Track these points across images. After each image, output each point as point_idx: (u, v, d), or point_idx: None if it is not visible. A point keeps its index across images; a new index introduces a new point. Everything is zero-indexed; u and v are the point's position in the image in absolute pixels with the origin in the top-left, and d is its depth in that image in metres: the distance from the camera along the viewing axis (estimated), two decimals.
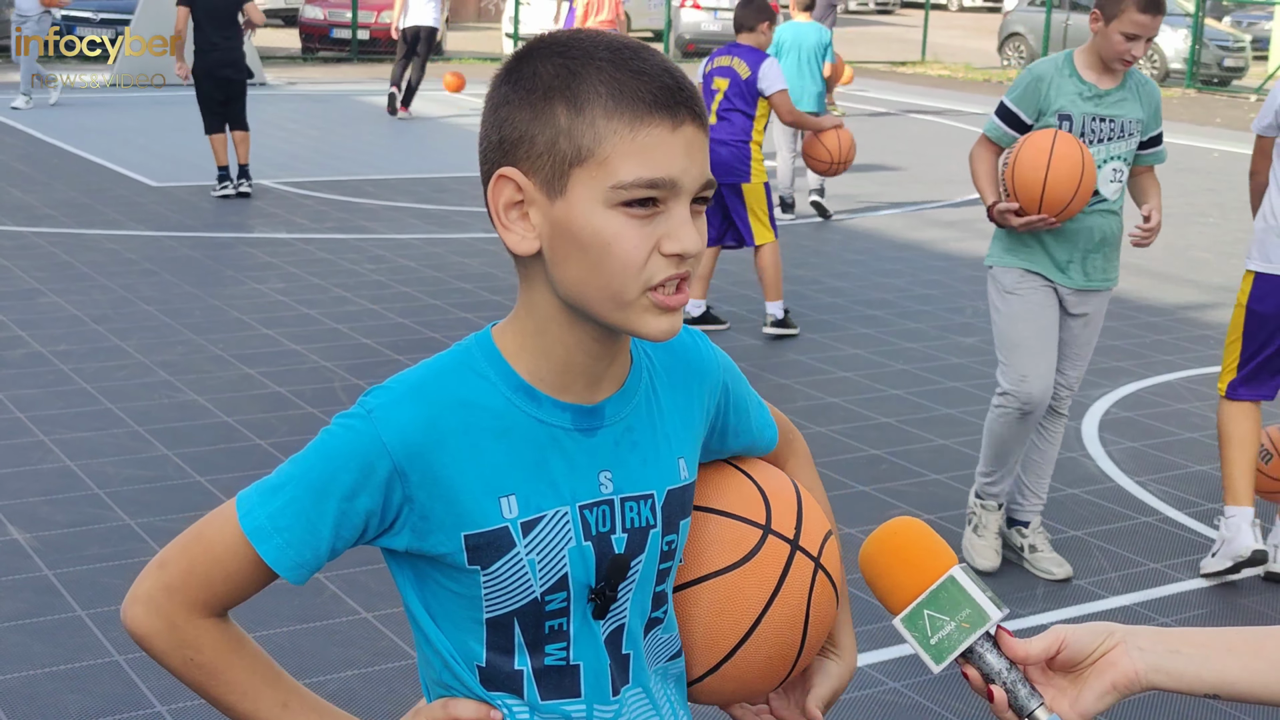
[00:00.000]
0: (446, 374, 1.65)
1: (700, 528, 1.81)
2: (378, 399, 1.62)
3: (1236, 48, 26.08)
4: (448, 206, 11.75)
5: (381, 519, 1.61)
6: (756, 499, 1.84)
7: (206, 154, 12.02)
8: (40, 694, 4.13)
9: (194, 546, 1.64)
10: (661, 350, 1.76)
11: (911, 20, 37.77)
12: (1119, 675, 1.58)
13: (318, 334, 7.82)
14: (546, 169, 1.55)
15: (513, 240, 1.59)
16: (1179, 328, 8.77)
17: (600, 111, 1.53)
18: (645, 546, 1.69)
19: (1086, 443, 6.67)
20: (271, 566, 1.60)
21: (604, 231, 1.54)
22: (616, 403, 1.68)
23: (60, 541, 5.10)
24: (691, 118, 1.56)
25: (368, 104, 18.31)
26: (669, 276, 1.56)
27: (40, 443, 6.02)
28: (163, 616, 1.63)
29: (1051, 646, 1.59)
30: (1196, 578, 5.25)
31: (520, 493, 1.62)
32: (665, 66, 1.57)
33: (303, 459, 1.62)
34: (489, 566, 1.61)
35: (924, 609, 1.59)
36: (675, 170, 1.54)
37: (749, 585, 1.79)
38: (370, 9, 23.56)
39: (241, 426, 6.30)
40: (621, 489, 1.68)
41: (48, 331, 7.63)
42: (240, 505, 1.62)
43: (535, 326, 1.64)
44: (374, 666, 4.36)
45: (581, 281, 1.57)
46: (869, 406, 6.99)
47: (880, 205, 12.65)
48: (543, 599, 1.63)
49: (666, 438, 1.73)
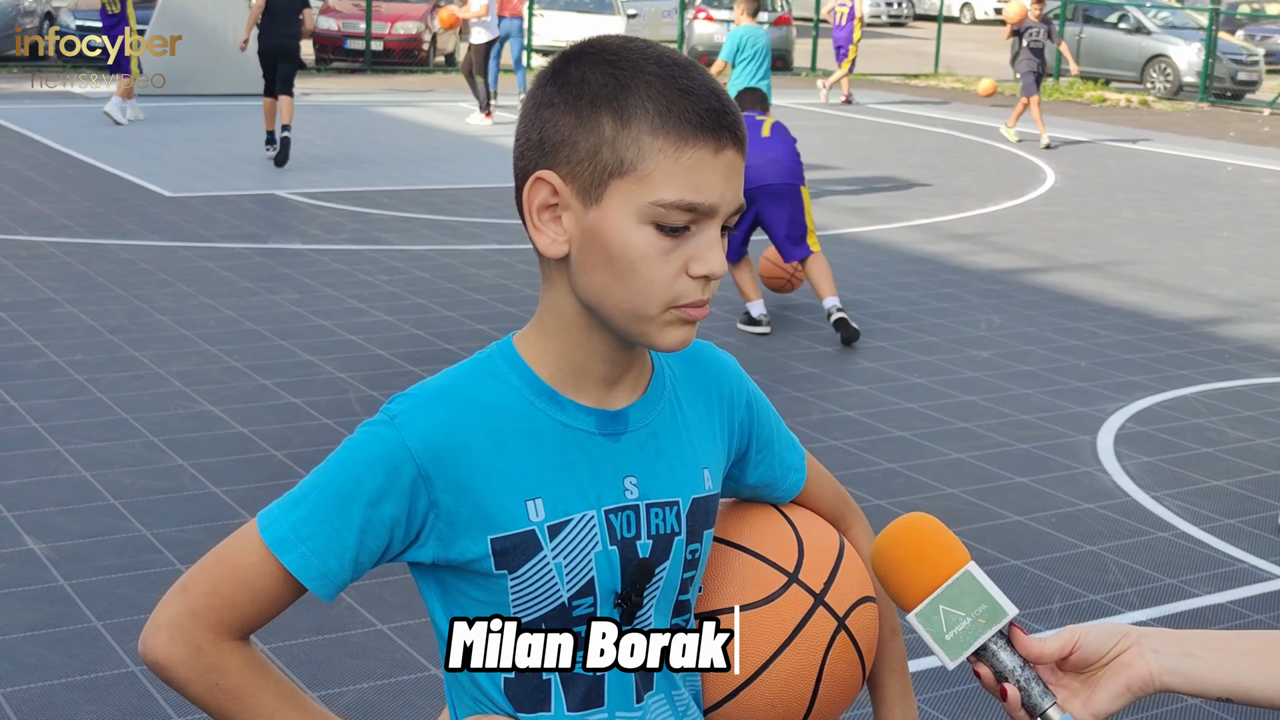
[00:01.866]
0: (469, 379, 1.65)
1: (726, 563, 1.80)
2: (401, 405, 1.62)
3: (1250, 61, 26.05)
4: (462, 218, 11.76)
5: (407, 528, 1.60)
6: (791, 546, 1.82)
7: (221, 165, 12.05)
8: (56, 704, 4.14)
9: (216, 568, 1.62)
10: (684, 362, 1.76)
11: (924, 33, 37.76)
12: (1133, 676, 1.57)
13: (333, 345, 7.83)
14: (585, 176, 1.56)
15: (543, 242, 1.60)
16: (1195, 342, 8.75)
17: (646, 127, 1.54)
18: (670, 553, 1.68)
19: (1102, 457, 6.65)
20: (296, 576, 1.58)
21: (635, 247, 1.55)
22: (641, 408, 1.69)
23: (76, 552, 5.11)
24: (733, 142, 1.57)
25: (381, 114, 18.34)
26: (695, 300, 1.57)
27: (56, 453, 6.03)
28: (187, 642, 1.61)
29: (1066, 646, 1.58)
30: (1213, 593, 5.23)
31: (547, 496, 1.62)
32: (712, 88, 1.57)
33: (325, 468, 1.61)
34: (516, 570, 1.61)
35: (939, 604, 1.58)
36: (714, 195, 1.55)
37: (763, 628, 1.77)
38: (384, 20, 23.62)
39: (257, 437, 6.31)
40: (647, 495, 1.67)
41: (63, 341, 7.64)
42: (261, 520, 1.61)
43: (556, 330, 1.64)
44: (390, 679, 4.36)
45: (605, 290, 1.57)
46: (884, 420, 6.99)
47: (894, 218, 12.65)
48: (570, 604, 1.63)
49: (692, 447, 1.72)
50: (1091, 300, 9.70)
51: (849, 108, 21.60)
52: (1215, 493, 6.25)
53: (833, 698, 1.81)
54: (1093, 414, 7.23)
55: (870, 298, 9.54)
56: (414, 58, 23.95)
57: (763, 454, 1.84)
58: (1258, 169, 16.67)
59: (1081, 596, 5.16)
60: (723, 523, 1.83)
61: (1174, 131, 20.49)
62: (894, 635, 1.95)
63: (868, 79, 25.90)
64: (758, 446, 1.83)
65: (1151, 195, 14.51)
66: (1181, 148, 18.63)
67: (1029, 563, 5.42)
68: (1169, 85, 25.49)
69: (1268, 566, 5.51)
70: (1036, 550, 5.55)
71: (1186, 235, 12.49)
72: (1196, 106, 24.42)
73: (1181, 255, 11.56)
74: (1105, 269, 10.83)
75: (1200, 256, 11.63)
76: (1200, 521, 5.90)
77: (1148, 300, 9.71)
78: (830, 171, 15.27)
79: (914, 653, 4.64)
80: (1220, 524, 5.89)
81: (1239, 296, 10.10)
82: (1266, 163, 17.18)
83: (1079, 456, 6.63)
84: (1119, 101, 24.22)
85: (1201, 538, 5.75)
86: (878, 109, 21.72)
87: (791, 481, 1.88)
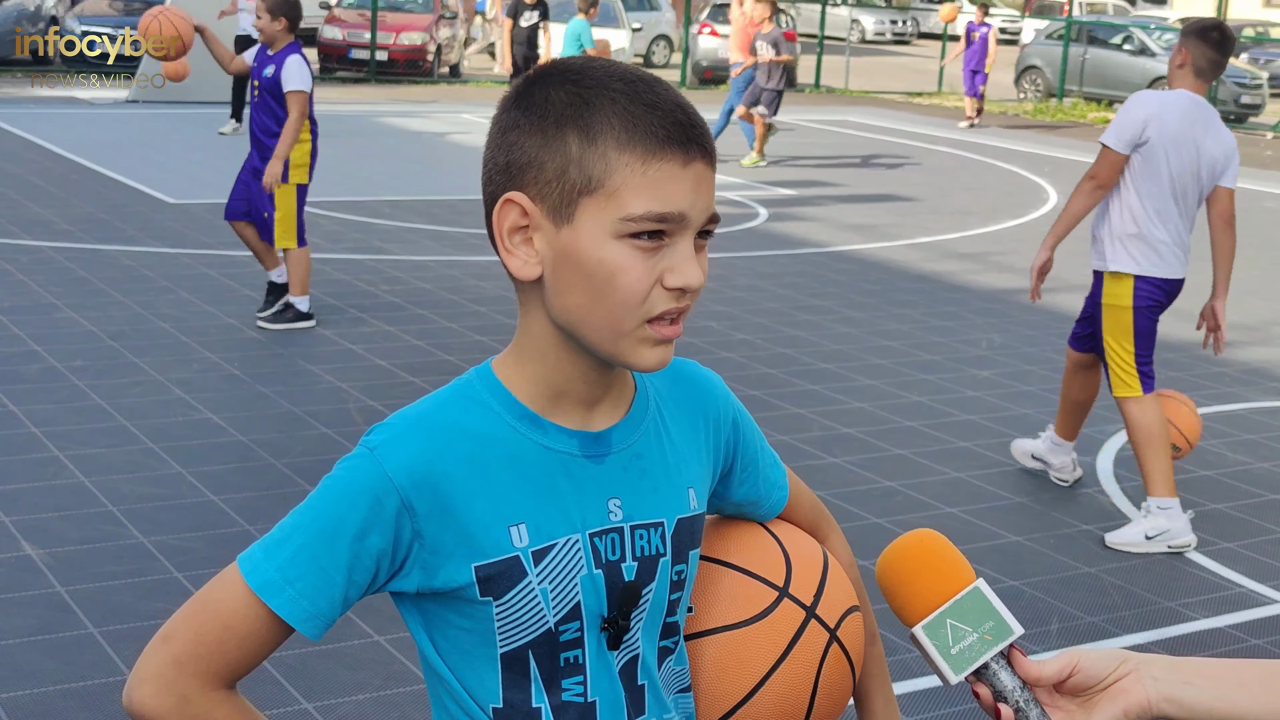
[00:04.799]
0: (448, 405, 1.64)
1: (715, 581, 1.79)
2: (380, 436, 1.61)
3: (1254, 85, 26.08)
4: (464, 229, 11.77)
5: (392, 559, 1.59)
6: (779, 561, 1.82)
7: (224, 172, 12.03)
8: (51, 711, 4.13)
9: (199, 614, 1.59)
10: (668, 379, 1.75)
11: (928, 51, 37.82)
12: (1131, 703, 1.57)
13: (333, 354, 7.83)
14: (554, 196, 1.56)
15: (515, 265, 1.59)
16: (1195, 365, 8.75)
17: (613, 143, 1.54)
18: (655, 575, 1.68)
19: (1102, 479, 6.65)
20: (286, 620, 1.56)
21: (610, 262, 1.54)
22: (624, 429, 1.68)
23: (73, 558, 5.10)
24: (701, 154, 1.57)
25: (385, 125, 18.36)
26: (669, 310, 1.56)
27: (55, 458, 6.02)
28: (173, 693, 1.57)
29: (1065, 669, 1.59)
30: (1211, 617, 5.23)
31: (530, 521, 1.61)
32: (678, 102, 1.57)
33: (308, 507, 1.59)
34: (501, 597, 1.60)
35: (947, 618, 1.58)
36: (684, 205, 1.55)
37: (757, 645, 1.77)
38: (389, 30, 23.66)
39: (256, 446, 6.30)
40: (631, 516, 1.67)
41: (64, 347, 7.64)
42: (244, 564, 1.59)
43: (534, 353, 1.64)
44: (386, 690, 4.35)
45: (581, 309, 1.57)
46: (883, 438, 6.98)
47: (895, 236, 12.65)
48: (556, 629, 1.62)
49: (676, 467, 1.72)
50: None
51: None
52: (1214, 516, 6.24)
53: (827, 709, 1.81)
54: (1093, 435, 7.22)
55: (871, 315, 9.54)
56: (418, 68, 23.99)
57: (748, 472, 1.84)
58: (1260, 192, 16.66)
59: (1079, 618, 5.15)
60: (709, 541, 1.83)
61: None
62: (874, 641, 1.95)
63: (870, 96, 25.95)
64: (743, 464, 1.83)
65: None
66: None
67: (1027, 583, 5.42)
68: None
69: (1266, 591, 5.50)
70: (1035, 571, 5.54)
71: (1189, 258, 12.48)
72: None
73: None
74: None
75: (1202, 280, 11.60)
76: (1199, 545, 5.89)
77: None
78: (832, 189, 15.28)
79: (910, 673, 4.64)
80: (1219, 548, 5.88)
81: (1240, 320, 10.09)
82: (1269, 186, 17.18)
83: (1078, 478, 6.62)
84: None
85: (1200, 561, 5.75)
86: (880, 126, 21.73)
87: (775, 499, 1.89)
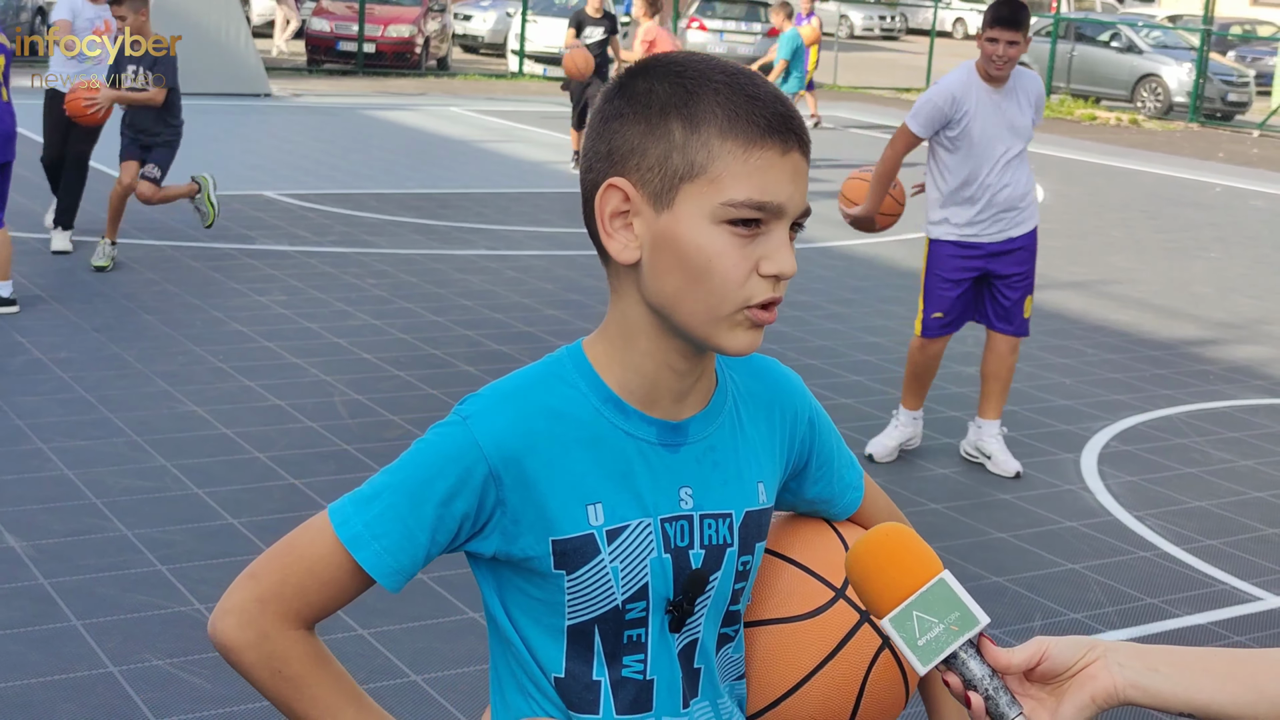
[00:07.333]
0: (539, 383, 1.69)
1: (774, 574, 1.83)
2: (473, 406, 1.66)
3: (1240, 82, 26.15)
4: (451, 223, 11.75)
5: (475, 522, 1.65)
6: (840, 562, 1.84)
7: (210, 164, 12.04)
8: (34, 703, 4.12)
9: (286, 557, 1.66)
10: (748, 375, 1.80)
11: (917, 47, 37.84)
12: (1098, 688, 1.59)
13: (319, 348, 7.82)
14: (656, 181, 1.60)
15: (615, 248, 1.63)
16: (1180, 362, 8.77)
17: (715, 131, 1.58)
18: (722, 564, 1.72)
19: (1085, 476, 6.66)
20: (370, 573, 1.63)
21: (707, 247, 1.58)
22: (701, 421, 1.72)
23: (57, 550, 5.09)
24: (799, 145, 1.62)
25: (372, 117, 18.33)
26: (767, 299, 1.60)
27: (39, 450, 6.01)
28: (255, 628, 1.64)
29: (1033, 656, 1.61)
30: (1193, 614, 5.24)
31: (606, 501, 1.66)
32: (776, 94, 1.62)
33: (399, 467, 1.65)
34: (574, 572, 1.65)
35: (913, 610, 1.61)
36: (782, 195, 1.60)
37: (807, 640, 1.80)
38: (376, 22, 23.62)
39: (240, 439, 6.29)
40: (701, 506, 1.71)
41: (49, 339, 7.62)
42: (334, 515, 1.65)
43: (624, 339, 1.68)
44: (370, 684, 4.34)
45: (678, 293, 1.61)
46: (869, 433, 6.99)
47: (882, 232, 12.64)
48: (623, 607, 1.67)
49: (748, 461, 1.76)
50: (1078, 318, 9.72)
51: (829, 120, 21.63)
52: (1198, 513, 6.26)
53: (874, 715, 1.83)
54: (1077, 432, 7.24)
55: (857, 311, 9.55)
56: (406, 61, 23.95)
57: (822, 470, 1.88)
58: (1246, 190, 16.72)
59: (1062, 615, 5.16)
60: (775, 535, 1.87)
61: (1164, 151, 20.55)
62: None
63: (860, 92, 25.96)
64: (818, 463, 1.87)
65: (1140, 214, 14.55)
66: (1171, 167, 18.68)
67: (1011, 580, 5.43)
68: (1159, 105, 25.56)
69: (1249, 588, 5.52)
70: (1018, 567, 5.56)
71: (1174, 255, 12.53)
72: (1186, 126, 24.50)
73: (1169, 275, 11.59)
74: (1093, 287, 10.85)
75: (1188, 277, 11.66)
76: (1182, 542, 5.91)
77: (1134, 319, 9.74)
78: (819, 184, 15.28)
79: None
80: (1202, 545, 5.90)
81: (1226, 317, 10.13)
82: (1255, 184, 17.24)
83: (1063, 474, 6.65)
84: (1109, 120, 24.29)
85: (1183, 558, 5.76)
86: (868, 122, 21.75)
87: (849, 499, 1.92)
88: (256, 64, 19.53)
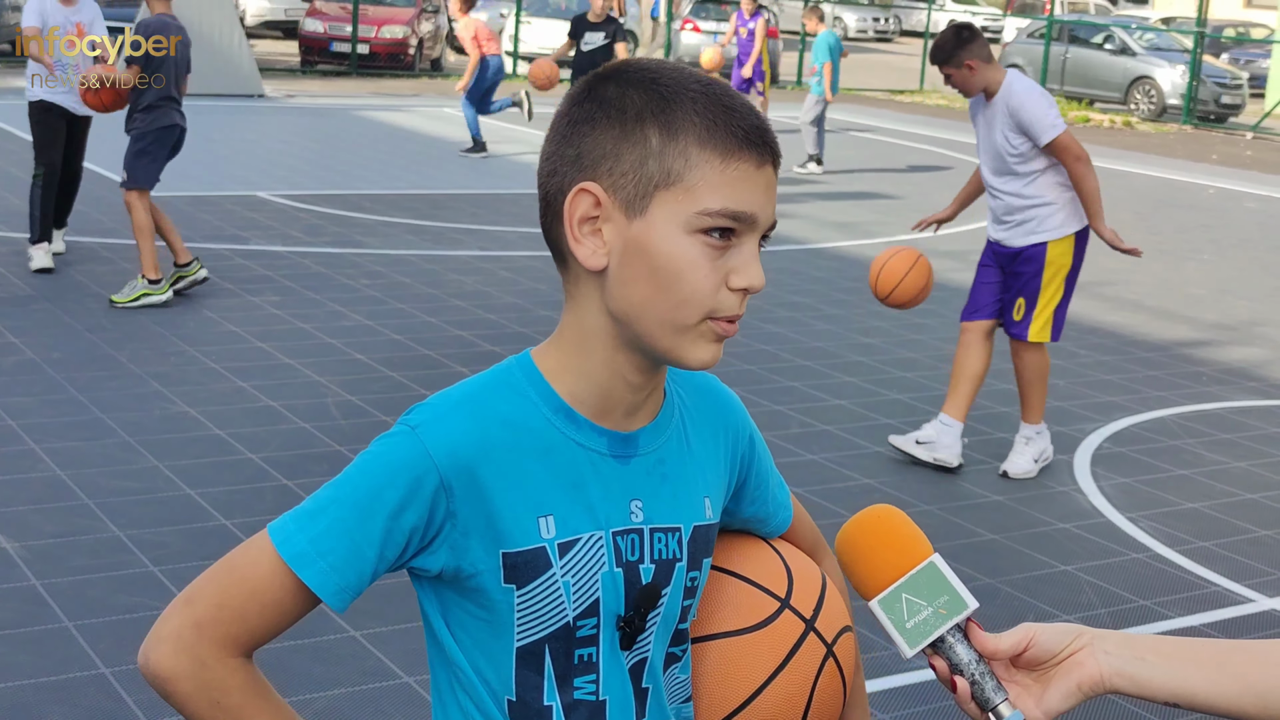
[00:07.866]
0: (489, 391, 1.65)
1: (718, 588, 1.81)
2: (421, 415, 1.62)
3: (1234, 85, 26.17)
4: (445, 224, 11.75)
5: (423, 536, 1.60)
6: (781, 573, 1.83)
7: (204, 165, 12.03)
8: (25, 705, 4.11)
9: (225, 579, 1.59)
10: (693, 392, 1.78)
11: (910, 49, 37.87)
12: (1084, 676, 1.59)
13: (312, 348, 7.81)
14: (630, 188, 1.58)
15: (583, 254, 1.60)
16: (1173, 364, 8.78)
17: (694, 140, 1.57)
18: (671, 579, 1.70)
19: (1078, 477, 6.67)
20: (316, 592, 1.57)
21: (680, 257, 1.57)
22: (651, 433, 1.70)
23: (48, 551, 5.08)
24: (773, 159, 1.62)
25: (366, 118, 18.32)
26: (731, 314, 1.59)
27: (30, 451, 6.00)
28: (191, 655, 1.58)
29: (1020, 643, 1.61)
30: (1185, 615, 5.24)
31: (558, 513, 1.62)
32: (751, 108, 1.62)
33: (344, 481, 1.60)
34: (524, 586, 1.61)
35: (902, 593, 1.60)
36: (755, 206, 1.59)
37: (756, 653, 1.78)
38: (370, 23, 23.60)
39: (233, 440, 6.28)
40: (651, 519, 1.69)
41: (41, 339, 7.61)
42: (275, 534, 1.59)
43: (580, 347, 1.65)
44: (361, 685, 4.34)
45: (644, 302, 1.58)
46: (862, 435, 6.99)
47: (876, 234, 12.66)
48: (574, 624, 1.64)
49: (695, 476, 1.74)
50: (1071, 320, 9.68)
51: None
52: (1190, 515, 6.26)
53: None
54: (1070, 434, 7.24)
55: (851, 312, 9.55)
56: (400, 62, 23.95)
57: (759, 490, 1.87)
58: (1239, 192, 16.73)
59: (1055, 616, 5.16)
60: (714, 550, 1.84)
61: (1157, 153, 20.56)
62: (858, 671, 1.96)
63: (853, 94, 25.96)
64: (756, 482, 1.86)
65: (1134, 216, 14.55)
66: (1165, 170, 18.70)
67: (1003, 581, 5.43)
68: (1153, 107, 25.58)
69: (1241, 590, 5.52)
70: (1011, 569, 5.55)
71: (1168, 257, 12.53)
72: (1180, 128, 24.53)
73: (1162, 277, 11.59)
74: (1086, 289, 10.81)
75: (1181, 278, 11.66)
76: (1175, 544, 5.92)
77: (1127, 321, 9.74)
78: (812, 186, 15.29)
79: (885, 670, 4.65)
80: (1194, 546, 5.90)
81: (1219, 319, 10.14)
82: (1248, 186, 17.26)
83: (1055, 476, 6.65)
84: (1103, 122, 24.31)
85: (1176, 560, 5.77)
86: (862, 124, 21.76)
87: (781, 518, 1.91)
88: (250, 65, 19.53)
